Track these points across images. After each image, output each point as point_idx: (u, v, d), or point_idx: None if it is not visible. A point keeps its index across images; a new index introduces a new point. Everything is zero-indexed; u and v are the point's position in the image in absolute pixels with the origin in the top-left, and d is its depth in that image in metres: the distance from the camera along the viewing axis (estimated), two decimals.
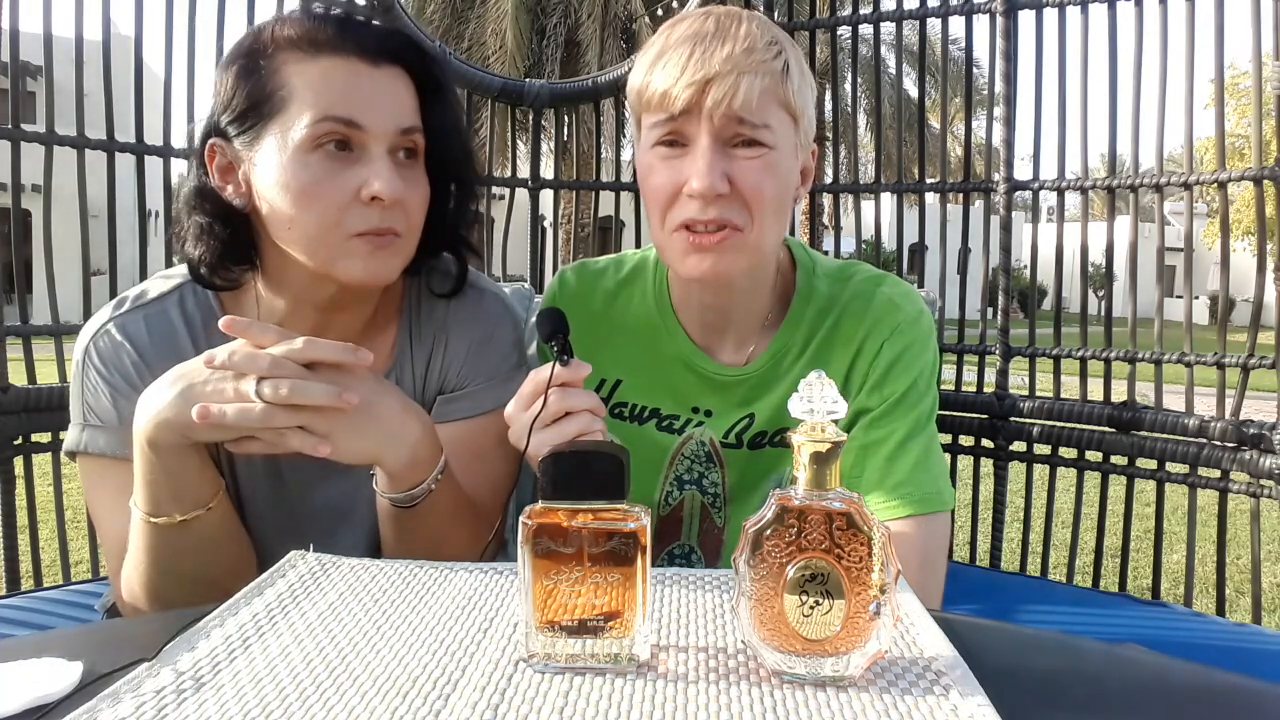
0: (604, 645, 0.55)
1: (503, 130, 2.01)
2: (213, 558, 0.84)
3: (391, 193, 0.84)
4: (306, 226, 0.85)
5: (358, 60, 0.86)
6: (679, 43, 0.89)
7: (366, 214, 0.85)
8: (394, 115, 0.87)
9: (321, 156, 0.84)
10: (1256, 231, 1.53)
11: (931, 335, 1.01)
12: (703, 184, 0.86)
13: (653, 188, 0.91)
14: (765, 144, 0.88)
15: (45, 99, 1.48)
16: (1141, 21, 1.54)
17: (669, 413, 1.05)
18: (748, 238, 0.90)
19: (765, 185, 0.89)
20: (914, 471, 0.94)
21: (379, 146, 0.85)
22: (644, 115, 0.92)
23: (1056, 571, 2.20)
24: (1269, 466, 1.37)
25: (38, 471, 1.51)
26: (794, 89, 0.89)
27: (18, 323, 1.42)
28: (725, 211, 0.88)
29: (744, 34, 0.88)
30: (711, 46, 0.87)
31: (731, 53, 0.86)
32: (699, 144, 0.88)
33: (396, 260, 0.89)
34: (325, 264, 0.87)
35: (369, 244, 0.86)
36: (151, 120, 1.51)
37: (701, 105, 0.86)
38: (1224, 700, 0.59)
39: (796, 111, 0.91)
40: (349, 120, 0.84)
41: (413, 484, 0.84)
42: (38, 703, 0.51)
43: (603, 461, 0.56)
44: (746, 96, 0.85)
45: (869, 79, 1.93)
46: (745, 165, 0.88)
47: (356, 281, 0.87)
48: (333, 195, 0.84)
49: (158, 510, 0.80)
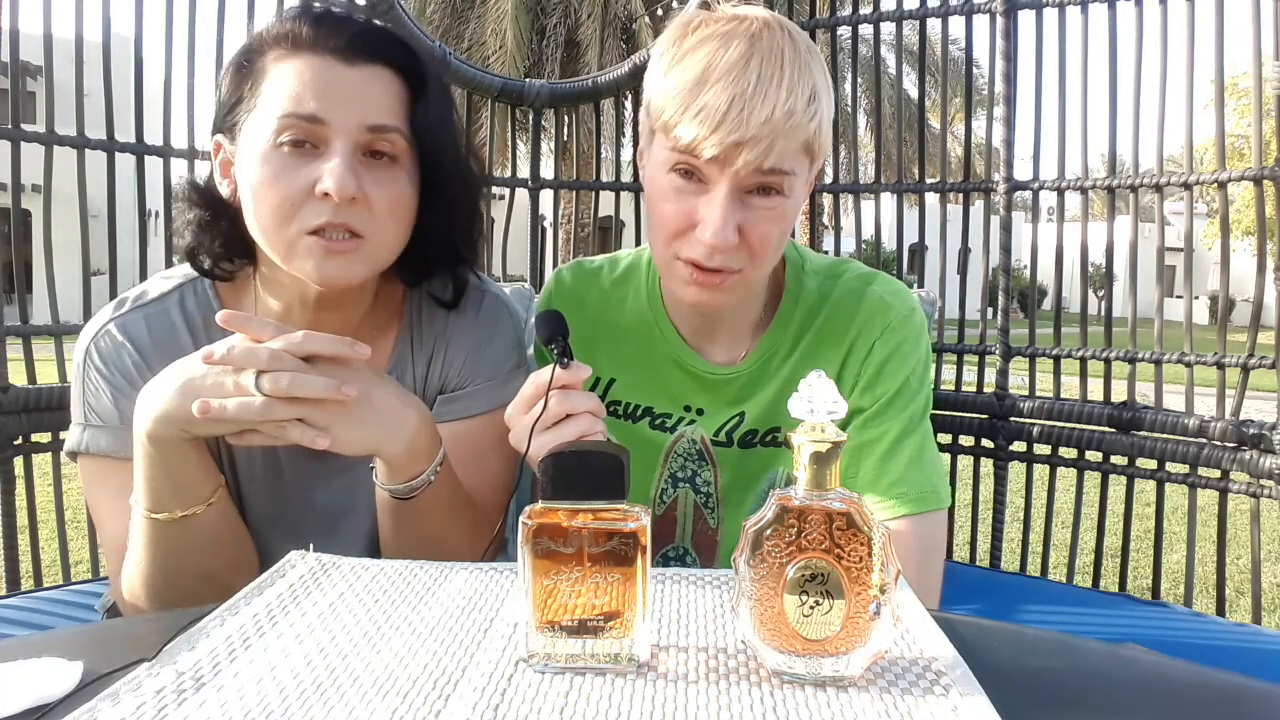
0: (604, 645, 0.55)
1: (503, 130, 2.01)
2: (213, 554, 0.84)
3: (341, 188, 0.82)
4: (265, 221, 0.85)
5: (330, 57, 0.85)
6: (718, 83, 0.82)
7: (319, 209, 0.83)
8: (360, 112, 0.85)
9: (284, 152, 0.84)
10: (1256, 231, 1.53)
11: (923, 332, 1.01)
12: (715, 239, 0.85)
13: (662, 215, 0.90)
14: (782, 192, 0.87)
15: (45, 99, 1.48)
16: (1141, 21, 1.54)
17: (661, 411, 1.05)
18: (746, 277, 0.90)
19: (773, 234, 0.88)
20: (909, 470, 0.94)
21: (341, 143, 0.84)
22: (662, 135, 0.88)
23: (1056, 571, 2.20)
24: (1269, 466, 1.37)
25: (38, 471, 1.51)
26: (823, 134, 0.87)
27: (18, 323, 1.42)
28: (729, 260, 0.87)
29: (785, 90, 0.82)
30: (752, 105, 0.81)
31: (770, 117, 0.81)
32: (717, 192, 0.85)
33: (358, 266, 0.87)
34: (284, 261, 0.86)
35: (322, 246, 0.84)
36: (151, 120, 1.51)
37: (731, 161, 0.83)
38: (1224, 700, 0.59)
39: (817, 151, 0.88)
40: (310, 116, 0.83)
41: (412, 474, 0.84)
42: (38, 703, 0.51)
43: (603, 461, 0.56)
44: (778, 159, 0.83)
45: (869, 79, 1.93)
46: (759, 215, 0.87)
47: (313, 282, 0.86)
48: (288, 189, 0.83)
49: (159, 506, 0.80)
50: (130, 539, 0.84)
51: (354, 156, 0.84)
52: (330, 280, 0.86)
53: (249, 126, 0.86)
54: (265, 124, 0.84)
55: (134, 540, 0.83)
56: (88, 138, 1.47)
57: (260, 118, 0.85)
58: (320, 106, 0.83)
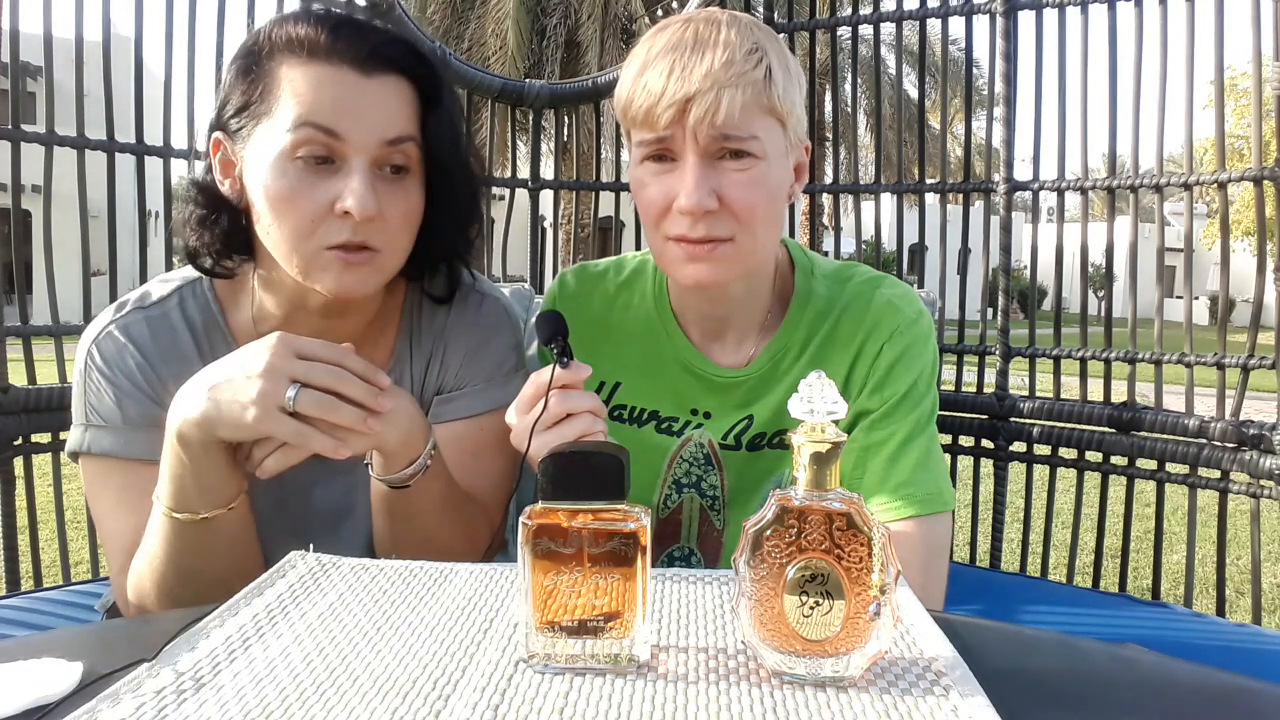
0: (604, 646, 0.55)
1: (503, 130, 2.01)
2: (230, 556, 0.85)
3: (363, 209, 0.82)
4: (282, 234, 0.85)
5: (349, 69, 0.85)
6: (658, 57, 0.88)
7: (340, 227, 0.84)
8: (379, 127, 0.85)
9: (301, 166, 0.84)
10: (1256, 231, 1.53)
11: (931, 336, 1.01)
12: (690, 202, 0.86)
13: (645, 202, 0.92)
14: (753, 154, 0.88)
15: (45, 99, 1.48)
16: (1141, 22, 1.54)
17: (668, 415, 1.05)
18: (739, 246, 0.90)
19: (755, 198, 0.89)
20: (915, 472, 0.94)
21: (359, 159, 0.84)
22: (631, 130, 0.92)
23: (1056, 572, 2.20)
24: (1269, 467, 1.37)
25: (38, 472, 1.51)
26: (779, 93, 0.88)
27: (18, 323, 1.42)
28: (715, 228, 0.88)
29: (722, 45, 0.86)
30: (690, 62, 0.85)
31: (710, 68, 0.84)
32: (686, 161, 0.87)
33: (373, 277, 0.88)
34: (300, 274, 0.87)
35: (340, 260, 0.85)
36: (151, 120, 1.51)
37: (684, 123, 0.86)
38: (1224, 700, 0.59)
39: (783, 114, 0.89)
40: (329, 129, 0.83)
41: (407, 460, 0.85)
42: (38, 703, 0.51)
43: (603, 461, 0.56)
44: (729, 111, 0.84)
45: (869, 79, 1.93)
46: (734, 179, 0.88)
47: (330, 294, 0.87)
48: (307, 207, 0.84)
49: (184, 507, 0.81)
50: (146, 538, 0.84)
51: (371, 173, 0.85)
52: (347, 292, 0.87)
53: (260, 133, 0.85)
54: (280, 134, 0.83)
55: (151, 542, 0.83)
56: (88, 138, 1.47)
57: (274, 127, 0.84)
58: (340, 122, 0.83)
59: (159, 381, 0.90)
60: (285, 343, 0.78)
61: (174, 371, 0.88)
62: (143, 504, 0.84)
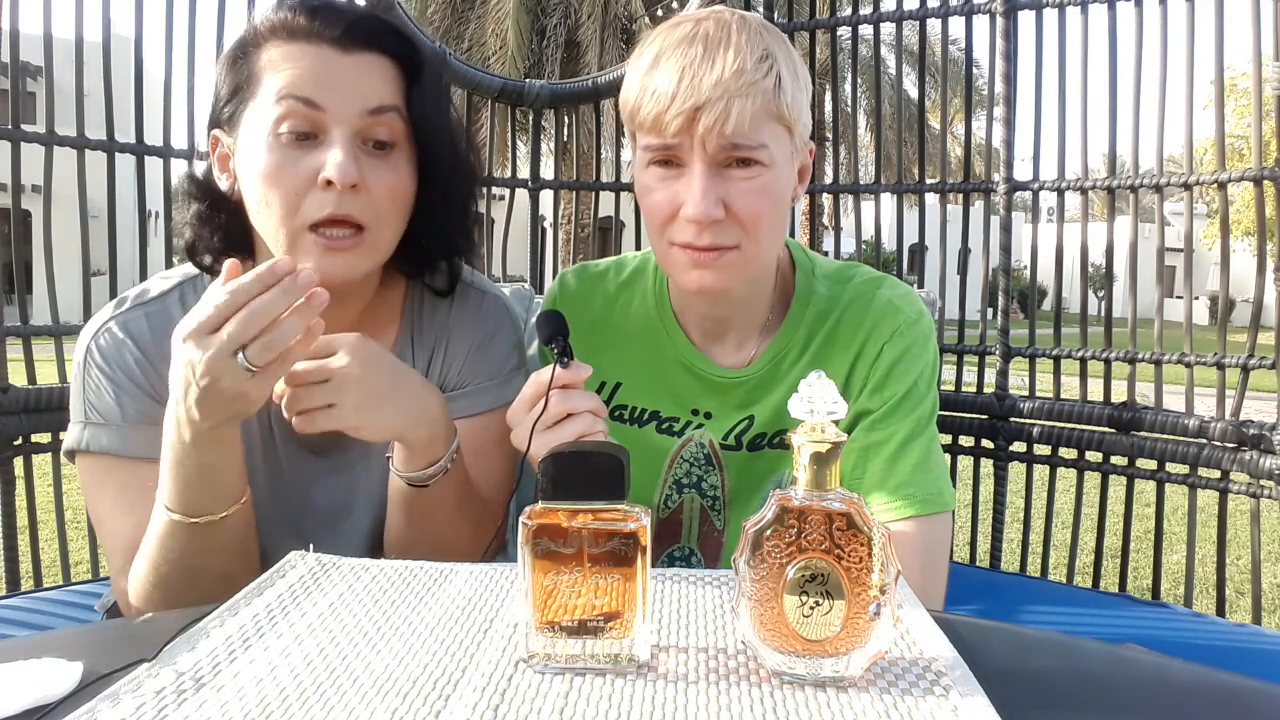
0: (604, 646, 0.55)
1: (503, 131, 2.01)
2: (235, 555, 0.85)
3: (343, 176, 0.83)
4: (269, 213, 0.86)
5: (328, 46, 0.87)
6: (667, 61, 0.86)
7: (323, 200, 0.84)
8: (359, 99, 0.86)
9: (285, 142, 0.85)
10: (1256, 231, 1.53)
11: (931, 336, 1.01)
12: (697, 212, 0.86)
13: (650, 207, 0.91)
14: (761, 162, 0.87)
15: (45, 99, 1.48)
16: (1141, 22, 1.54)
17: (669, 415, 1.05)
18: (745, 253, 0.90)
19: (761, 206, 0.88)
20: (915, 472, 0.94)
21: (340, 130, 0.85)
22: (637, 133, 0.91)
23: (1056, 572, 2.20)
24: (1269, 467, 1.37)
25: (38, 472, 1.51)
26: (787, 101, 0.88)
27: (18, 323, 1.42)
28: (721, 236, 0.88)
29: (733, 53, 0.85)
30: (701, 70, 0.84)
31: (721, 77, 0.83)
32: (693, 169, 0.87)
33: (359, 261, 0.88)
34: (286, 254, 0.86)
35: (322, 244, 0.85)
36: (151, 120, 1.51)
37: (693, 131, 0.85)
38: (1224, 700, 0.59)
39: (790, 121, 0.89)
40: (309, 99, 0.84)
41: (430, 460, 0.86)
42: (38, 703, 0.51)
43: (603, 461, 0.56)
44: (738, 121, 0.84)
45: (869, 79, 1.93)
46: (741, 188, 0.87)
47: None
48: (291, 180, 0.84)
49: (193, 509, 0.80)
50: (147, 538, 0.84)
51: (354, 145, 0.86)
52: (332, 276, 0.86)
53: (248, 117, 0.87)
54: (265, 111, 0.85)
55: (153, 546, 0.83)
56: (88, 138, 1.47)
57: (259, 106, 0.86)
58: (319, 94, 0.84)
59: (159, 378, 0.90)
60: (184, 334, 0.74)
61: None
62: (142, 502, 0.84)
